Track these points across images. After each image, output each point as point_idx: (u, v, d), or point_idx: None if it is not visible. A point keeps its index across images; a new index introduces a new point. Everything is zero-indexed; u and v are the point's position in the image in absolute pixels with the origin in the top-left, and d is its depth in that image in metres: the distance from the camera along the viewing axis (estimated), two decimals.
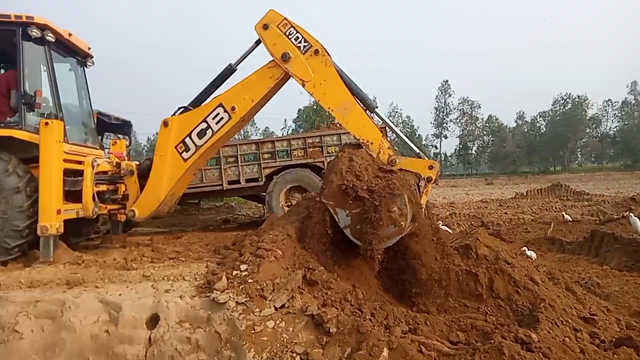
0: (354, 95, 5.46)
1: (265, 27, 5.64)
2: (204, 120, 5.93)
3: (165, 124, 6.06)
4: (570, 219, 8.29)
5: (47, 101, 6.20)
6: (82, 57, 7.18)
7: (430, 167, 5.00)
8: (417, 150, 5.28)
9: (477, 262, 4.62)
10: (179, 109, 6.19)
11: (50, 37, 6.01)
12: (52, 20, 6.08)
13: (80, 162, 6.07)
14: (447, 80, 68.34)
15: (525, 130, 73.91)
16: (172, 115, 6.10)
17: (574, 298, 4.39)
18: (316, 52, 5.53)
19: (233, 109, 5.86)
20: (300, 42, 5.57)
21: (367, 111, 5.48)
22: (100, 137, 8.53)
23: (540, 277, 4.53)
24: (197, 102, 6.14)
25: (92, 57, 7.31)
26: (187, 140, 5.98)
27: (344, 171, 4.56)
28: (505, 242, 7.02)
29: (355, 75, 5.59)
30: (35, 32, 5.80)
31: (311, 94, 5.78)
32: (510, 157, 64.06)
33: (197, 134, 5.95)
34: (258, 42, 5.84)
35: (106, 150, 8.36)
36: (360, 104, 5.45)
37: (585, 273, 5.69)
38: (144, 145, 64.99)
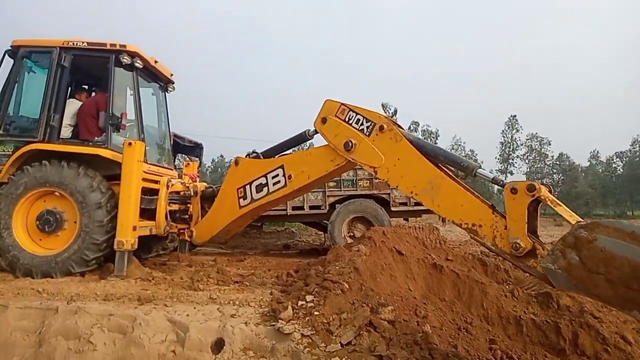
0: (442, 165, 4.32)
1: (324, 120, 5.16)
2: (265, 175, 5.68)
3: (237, 162, 6.06)
4: None
5: (132, 123, 6.59)
6: (164, 83, 7.66)
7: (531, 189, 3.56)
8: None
9: (558, 313, 4.26)
10: (253, 152, 6.14)
11: (138, 64, 6.44)
12: (141, 48, 6.55)
13: (156, 182, 6.38)
14: (514, 115, 65.56)
15: (600, 170, 69.18)
16: (245, 157, 6.06)
17: None
18: (381, 128, 4.67)
19: (290, 177, 5.47)
20: (361, 124, 4.88)
21: (467, 177, 4.24)
22: (174, 158, 8.94)
23: (633, 335, 4.08)
24: (268, 154, 6.04)
25: (173, 83, 7.78)
26: (247, 188, 5.82)
27: None
28: None
29: (413, 107, 4.86)
30: (126, 59, 6.25)
31: (386, 181, 5.03)
32: (582, 198, 59.55)
33: (256, 187, 5.75)
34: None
35: (179, 170, 8.73)
36: (451, 172, 4.34)
37: None
38: (208, 166, 67.32)
